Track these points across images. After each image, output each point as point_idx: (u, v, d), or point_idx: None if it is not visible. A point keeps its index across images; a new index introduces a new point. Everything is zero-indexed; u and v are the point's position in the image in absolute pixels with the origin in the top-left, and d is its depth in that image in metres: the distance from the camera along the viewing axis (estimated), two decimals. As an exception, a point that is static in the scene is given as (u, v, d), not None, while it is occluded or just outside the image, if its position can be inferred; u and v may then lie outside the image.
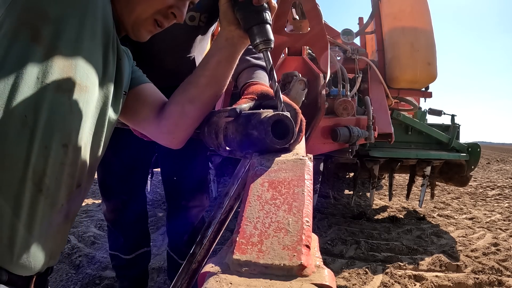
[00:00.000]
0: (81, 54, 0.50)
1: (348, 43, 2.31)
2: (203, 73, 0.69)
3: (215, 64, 0.68)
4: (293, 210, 0.35)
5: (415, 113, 3.42)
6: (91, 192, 4.13)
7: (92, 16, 0.51)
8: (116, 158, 1.17)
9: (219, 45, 0.67)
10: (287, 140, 0.50)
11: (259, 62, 0.88)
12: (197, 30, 1.11)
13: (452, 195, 4.51)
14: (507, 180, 6.42)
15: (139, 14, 0.61)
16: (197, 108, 0.71)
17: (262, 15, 0.57)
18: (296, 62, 1.62)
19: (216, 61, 0.68)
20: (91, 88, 0.52)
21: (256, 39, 0.57)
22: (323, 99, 1.38)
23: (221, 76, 0.70)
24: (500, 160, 12.72)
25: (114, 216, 1.24)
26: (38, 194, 0.46)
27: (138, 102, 0.73)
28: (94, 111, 0.55)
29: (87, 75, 0.51)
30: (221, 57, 0.67)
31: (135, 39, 0.66)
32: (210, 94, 0.71)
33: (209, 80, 0.69)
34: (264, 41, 0.57)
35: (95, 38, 0.52)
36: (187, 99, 0.70)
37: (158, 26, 0.65)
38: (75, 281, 1.71)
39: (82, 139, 0.52)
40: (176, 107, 0.71)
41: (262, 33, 0.57)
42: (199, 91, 0.70)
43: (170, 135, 0.74)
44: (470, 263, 2.03)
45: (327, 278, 0.28)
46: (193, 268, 0.53)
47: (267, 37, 0.57)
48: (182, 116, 0.71)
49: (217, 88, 0.71)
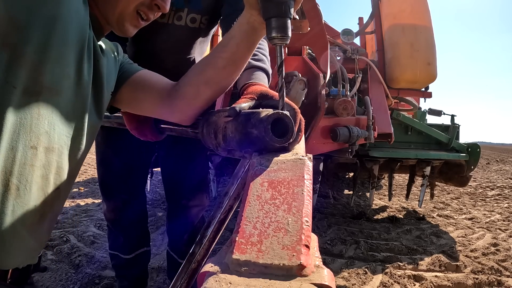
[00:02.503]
0: (50, 58, 0.50)
1: (348, 43, 2.31)
2: (221, 55, 0.68)
3: (235, 47, 0.66)
4: (293, 210, 0.35)
5: (415, 113, 3.42)
6: (91, 192, 4.13)
7: (62, 20, 0.51)
8: (116, 158, 1.17)
9: (241, 27, 0.64)
10: (287, 138, 0.50)
11: (259, 64, 0.88)
12: (198, 32, 1.11)
13: (451, 195, 4.51)
14: (506, 181, 6.43)
15: (122, 8, 0.61)
16: (212, 89, 0.71)
17: (283, 7, 0.54)
18: (296, 62, 1.62)
19: (235, 43, 0.66)
20: (64, 92, 0.53)
21: (273, 33, 0.55)
22: (323, 99, 1.38)
23: (240, 59, 0.68)
24: (499, 161, 12.73)
25: (114, 215, 1.24)
26: (6, 194, 0.48)
27: (139, 90, 0.73)
28: (70, 114, 0.55)
29: (58, 78, 0.51)
30: (241, 39, 0.65)
31: (121, 35, 0.66)
32: (226, 77, 0.70)
33: (227, 62, 0.68)
34: (281, 36, 0.54)
35: (67, 42, 0.52)
36: (203, 80, 0.70)
37: (142, 19, 0.65)
38: (74, 280, 1.71)
39: (55, 142, 0.53)
40: (191, 88, 0.71)
41: (279, 27, 0.54)
42: (216, 73, 0.69)
43: (182, 114, 0.74)
44: (469, 263, 2.03)
45: (327, 278, 0.28)
46: (193, 268, 0.53)
47: (285, 33, 0.54)
48: (197, 97, 0.71)
49: (234, 70, 0.70)
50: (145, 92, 0.74)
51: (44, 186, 0.53)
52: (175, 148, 1.21)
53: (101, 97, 0.63)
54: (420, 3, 2.49)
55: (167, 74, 0.79)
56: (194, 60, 1.17)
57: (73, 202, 3.50)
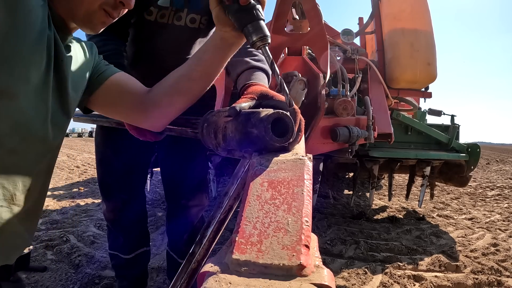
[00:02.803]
0: (2, 61, 0.50)
1: (348, 43, 2.31)
2: (196, 68, 0.72)
3: (209, 62, 0.70)
4: (293, 210, 0.35)
5: (414, 113, 3.42)
6: (91, 192, 4.13)
7: (17, 24, 0.50)
8: (116, 158, 1.17)
9: (214, 43, 0.68)
10: (287, 138, 0.49)
11: (259, 64, 0.88)
12: (198, 32, 1.11)
13: (451, 195, 4.51)
14: (506, 181, 6.43)
15: (87, 7, 0.61)
16: (186, 99, 0.75)
17: (253, 12, 0.57)
18: (296, 62, 1.62)
19: (210, 58, 0.70)
20: (21, 94, 0.52)
21: (253, 38, 0.57)
22: (323, 99, 1.38)
23: (213, 71, 0.72)
24: (499, 161, 12.73)
25: (113, 215, 1.24)
26: None
27: (113, 94, 0.74)
28: (31, 116, 0.55)
29: (13, 81, 0.51)
30: (215, 55, 0.69)
31: (89, 32, 0.66)
32: (200, 87, 0.74)
33: (201, 74, 0.72)
34: (260, 38, 0.57)
35: (22, 44, 0.52)
36: (178, 90, 0.73)
37: (110, 16, 0.65)
38: (74, 280, 1.71)
39: (16, 143, 0.53)
40: (165, 98, 0.74)
41: (256, 30, 0.57)
42: (190, 84, 0.73)
43: (155, 122, 0.78)
44: (469, 264, 2.03)
45: (327, 278, 0.28)
46: (193, 268, 0.53)
47: (263, 33, 0.57)
48: (170, 106, 0.75)
49: (208, 82, 0.74)
50: (120, 97, 0.75)
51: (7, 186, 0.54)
52: (175, 148, 1.21)
53: (65, 97, 0.63)
54: (420, 3, 2.49)
55: (167, 73, 0.79)
56: None
57: (73, 202, 3.50)
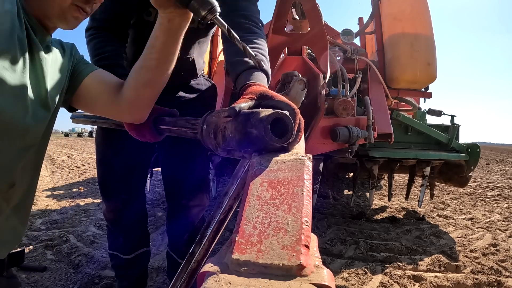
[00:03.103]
0: None
1: (348, 43, 2.31)
2: (151, 56, 0.72)
3: (162, 46, 0.70)
4: (293, 210, 0.35)
5: (414, 114, 3.42)
6: (91, 191, 4.13)
7: None
8: (116, 158, 1.17)
9: (163, 28, 0.68)
10: (286, 138, 0.49)
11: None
12: (197, 33, 1.11)
13: (451, 195, 4.51)
14: (506, 181, 6.43)
15: (59, 4, 0.63)
16: (152, 89, 0.77)
17: None
18: (296, 62, 1.62)
19: (162, 42, 0.70)
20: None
21: (201, 13, 0.55)
22: (323, 99, 1.38)
23: (169, 57, 0.73)
24: (499, 161, 12.73)
25: (113, 215, 1.24)
26: None
27: (92, 91, 0.76)
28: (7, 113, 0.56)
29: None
30: (166, 38, 0.69)
31: (65, 28, 0.67)
32: (162, 74, 0.75)
33: (159, 62, 0.73)
34: (209, 10, 0.55)
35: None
36: (142, 83, 0.75)
37: (83, 11, 0.66)
38: (74, 280, 1.71)
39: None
40: (132, 91, 0.76)
41: (202, 4, 0.55)
42: (151, 74, 0.74)
43: (131, 115, 0.81)
44: (469, 264, 2.03)
45: (326, 278, 0.28)
46: (192, 268, 0.53)
47: (210, 5, 0.55)
48: (139, 99, 0.77)
49: (167, 67, 0.75)
50: (98, 94, 0.77)
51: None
52: (175, 148, 1.21)
53: (45, 94, 0.65)
54: (420, 3, 2.49)
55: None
56: (193, 60, 1.17)
57: (73, 202, 3.50)
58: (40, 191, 4.12)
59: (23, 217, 0.65)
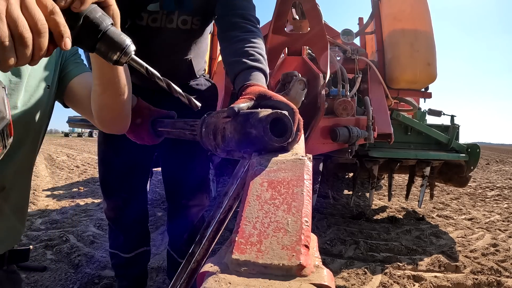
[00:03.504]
0: None
1: (348, 43, 2.31)
2: (96, 82, 0.66)
3: (102, 74, 0.65)
4: (292, 210, 0.35)
5: (414, 114, 3.42)
6: (90, 191, 4.13)
7: None
8: (116, 157, 1.18)
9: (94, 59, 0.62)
10: (286, 138, 0.49)
11: (256, 64, 0.88)
12: (191, 33, 1.11)
13: (451, 195, 4.51)
14: (506, 181, 6.43)
15: None
16: (108, 111, 0.72)
17: (93, 24, 0.41)
18: (295, 62, 1.62)
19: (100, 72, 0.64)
20: None
21: (112, 57, 0.43)
22: (323, 99, 1.38)
23: (114, 81, 0.66)
24: (499, 161, 12.73)
25: (114, 214, 1.24)
26: None
27: (77, 95, 0.75)
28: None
29: None
30: (102, 67, 0.63)
31: None
32: (111, 98, 0.69)
33: (104, 88, 0.67)
34: (121, 51, 0.43)
35: None
36: (98, 107, 0.71)
37: None
38: (74, 280, 1.71)
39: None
40: (95, 112, 0.73)
41: (111, 45, 0.42)
42: (102, 98, 0.69)
43: (105, 130, 0.79)
44: (469, 264, 2.03)
45: (326, 278, 0.28)
46: (192, 268, 0.53)
47: (121, 46, 0.43)
48: (103, 119, 0.74)
49: (114, 92, 0.68)
50: (82, 97, 0.75)
51: None
52: (176, 147, 1.21)
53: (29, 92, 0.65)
54: (420, 3, 2.49)
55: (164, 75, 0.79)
56: (191, 61, 1.17)
57: (72, 202, 3.50)
58: (40, 191, 4.12)
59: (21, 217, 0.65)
